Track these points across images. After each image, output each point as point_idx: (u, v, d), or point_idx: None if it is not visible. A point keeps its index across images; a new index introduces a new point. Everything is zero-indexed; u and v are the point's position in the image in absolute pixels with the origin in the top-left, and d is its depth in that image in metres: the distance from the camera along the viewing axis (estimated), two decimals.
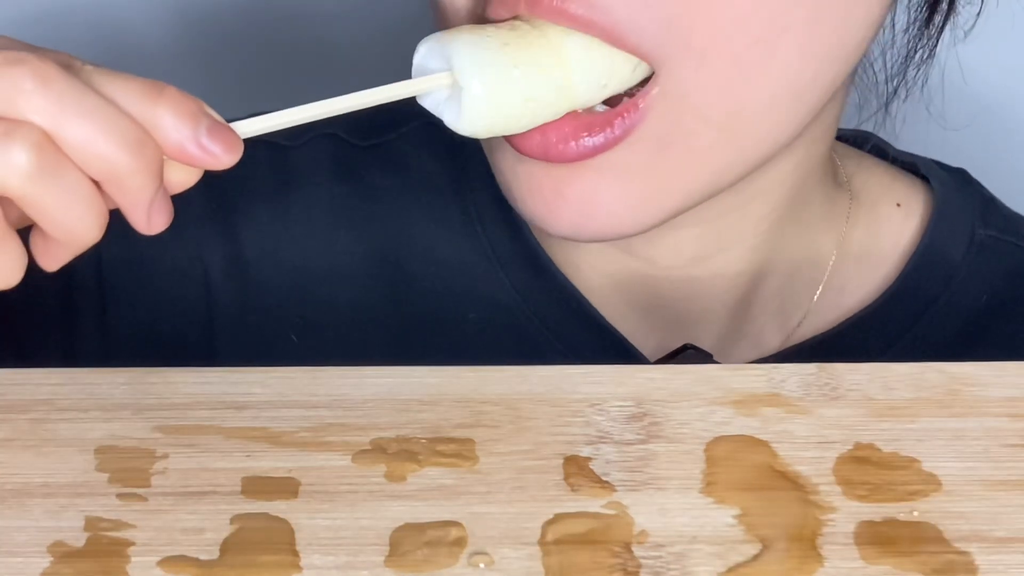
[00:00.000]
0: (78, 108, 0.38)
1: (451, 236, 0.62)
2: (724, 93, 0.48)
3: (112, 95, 0.39)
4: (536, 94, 0.47)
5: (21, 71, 0.37)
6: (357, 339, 0.61)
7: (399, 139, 0.64)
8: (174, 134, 0.39)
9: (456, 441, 0.45)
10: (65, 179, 0.38)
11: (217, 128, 0.40)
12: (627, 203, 0.50)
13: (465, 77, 0.46)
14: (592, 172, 0.49)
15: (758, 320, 0.61)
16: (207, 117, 0.40)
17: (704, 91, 0.48)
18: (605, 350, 0.60)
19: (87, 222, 0.39)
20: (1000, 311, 0.62)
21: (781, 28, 0.48)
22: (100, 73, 0.39)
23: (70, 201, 0.38)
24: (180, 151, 0.39)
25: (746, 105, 0.49)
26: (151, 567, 0.40)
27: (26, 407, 0.46)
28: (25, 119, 0.37)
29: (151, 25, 0.91)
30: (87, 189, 0.39)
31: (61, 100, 0.37)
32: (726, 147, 0.50)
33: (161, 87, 0.39)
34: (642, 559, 0.41)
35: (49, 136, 0.38)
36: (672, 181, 0.50)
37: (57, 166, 0.38)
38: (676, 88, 0.48)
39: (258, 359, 0.49)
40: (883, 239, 0.62)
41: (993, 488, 0.43)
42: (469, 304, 0.61)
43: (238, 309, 0.62)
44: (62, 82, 0.38)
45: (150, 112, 0.39)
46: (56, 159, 0.38)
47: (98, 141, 0.38)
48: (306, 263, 0.62)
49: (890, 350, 0.60)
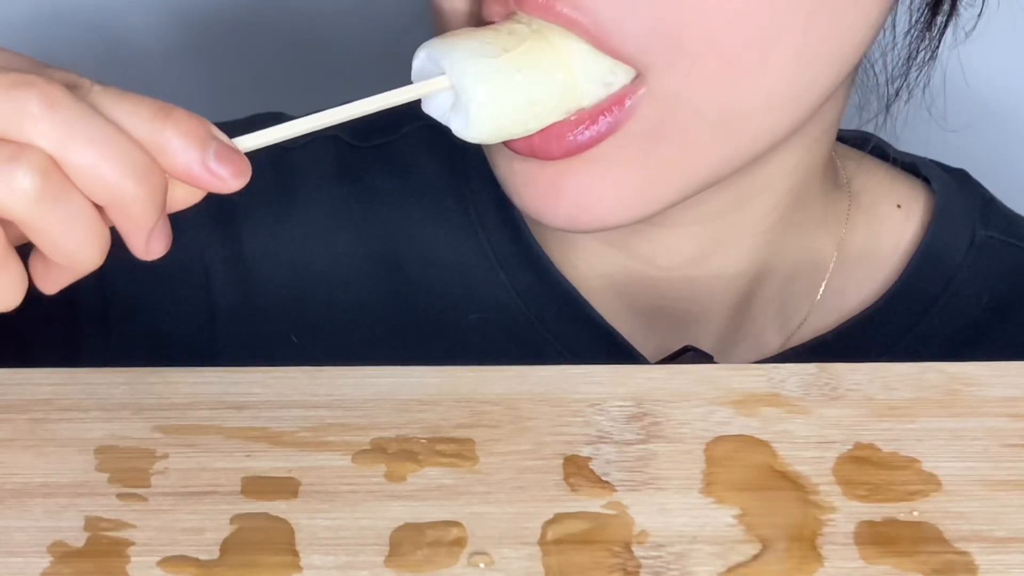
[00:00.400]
0: (85, 134, 0.37)
1: (451, 237, 0.62)
2: (719, 92, 0.48)
3: (119, 118, 0.38)
4: (540, 96, 0.47)
5: (28, 94, 0.37)
6: (358, 340, 0.62)
7: (400, 140, 0.64)
8: (182, 157, 0.39)
9: (456, 441, 0.45)
10: (69, 205, 0.38)
11: (225, 152, 0.39)
12: (621, 194, 0.50)
13: (470, 84, 0.46)
14: (586, 164, 0.49)
15: (758, 321, 0.61)
16: (215, 140, 0.40)
17: (697, 91, 0.48)
18: (605, 351, 0.60)
19: (90, 248, 0.39)
20: (1001, 312, 0.62)
21: (777, 31, 0.48)
22: (107, 94, 0.39)
23: (73, 227, 0.38)
24: (188, 175, 0.39)
25: (742, 104, 0.49)
26: (151, 567, 0.40)
27: (26, 407, 0.46)
28: (31, 143, 0.37)
29: (151, 25, 0.91)
30: (91, 215, 0.38)
31: (68, 125, 0.37)
32: (722, 143, 0.50)
33: (169, 110, 0.39)
34: (642, 559, 0.41)
35: (55, 161, 0.37)
36: (667, 173, 0.50)
37: (62, 192, 0.37)
38: (665, 88, 0.48)
39: (259, 360, 0.49)
40: (883, 240, 0.62)
41: (993, 488, 0.43)
42: (470, 305, 0.61)
43: (239, 310, 0.62)
44: (69, 106, 0.37)
45: (158, 135, 0.39)
46: (61, 184, 0.37)
47: (104, 168, 0.38)
48: (307, 264, 0.62)
49: (891, 351, 0.60)
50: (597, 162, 0.49)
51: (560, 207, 0.51)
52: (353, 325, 0.62)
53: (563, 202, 0.50)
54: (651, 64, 0.47)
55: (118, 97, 0.39)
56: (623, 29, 0.47)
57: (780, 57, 0.48)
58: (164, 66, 0.92)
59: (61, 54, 0.90)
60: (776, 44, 0.48)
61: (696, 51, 0.47)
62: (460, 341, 0.61)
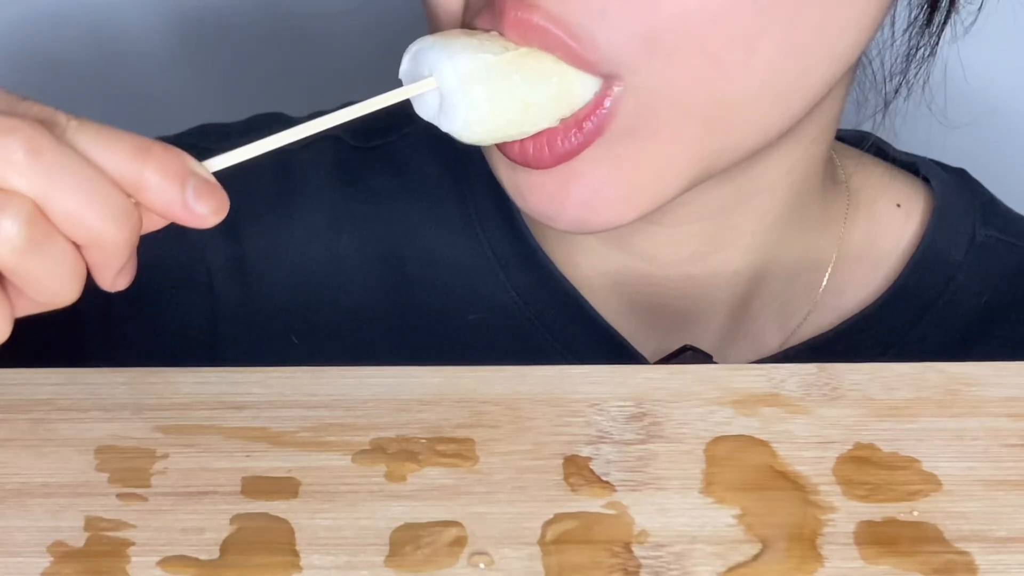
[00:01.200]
0: (68, 180, 0.38)
1: (452, 238, 0.62)
2: (700, 86, 0.48)
3: (98, 157, 0.38)
4: (535, 99, 0.47)
5: (11, 140, 0.37)
6: (358, 340, 0.62)
7: (400, 141, 0.64)
8: (162, 197, 0.39)
9: (456, 441, 0.45)
10: (53, 249, 0.38)
11: (204, 188, 0.40)
12: (624, 192, 0.50)
13: (466, 83, 0.46)
14: (588, 166, 0.49)
15: (758, 320, 0.61)
16: (194, 176, 0.40)
17: (677, 85, 0.48)
18: (605, 351, 0.60)
19: (70, 286, 0.39)
20: (1001, 311, 0.62)
21: (760, 28, 0.47)
22: (85, 132, 0.39)
23: (55, 269, 0.38)
24: (167, 212, 0.40)
25: (726, 97, 0.49)
26: (151, 567, 0.40)
27: (26, 407, 0.46)
28: (16, 191, 0.37)
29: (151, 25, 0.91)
30: (72, 257, 0.39)
31: (51, 172, 0.37)
32: (711, 137, 0.50)
33: (148, 146, 0.39)
34: (642, 559, 0.41)
35: (39, 207, 0.38)
36: (665, 168, 0.50)
37: (46, 238, 0.38)
38: (641, 85, 0.48)
39: (260, 361, 0.49)
40: (883, 239, 0.62)
41: (993, 488, 0.43)
42: (469, 305, 0.61)
43: (241, 311, 0.62)
44: (53, 152, 0.37)
45: (137, 174, 0.39)
46: (46, 231, 0.38)
47: (87, 213, 0.38)
48: (308, 265, 0.62)
49: (890, 350, 0.60)
50: (594, 163, 0.49)
51: (568, 210, 0.51)
52: (354, 326, 0.62)
53: (571, 205, 0.50)
54: (625, 64, 0.47)
55: (96, 135, 0.39)
56: (595, 42, 0.47)
57: (764, 53, 0.48)
58: (164, 66, 0.92)
59: (61, 54, 0.90)
60: (759, 41, 0.48)
61: (672, 47, 0.47)
62: (460, 341, 0.61)
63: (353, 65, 0.92)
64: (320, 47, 0.93)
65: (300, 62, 0.93)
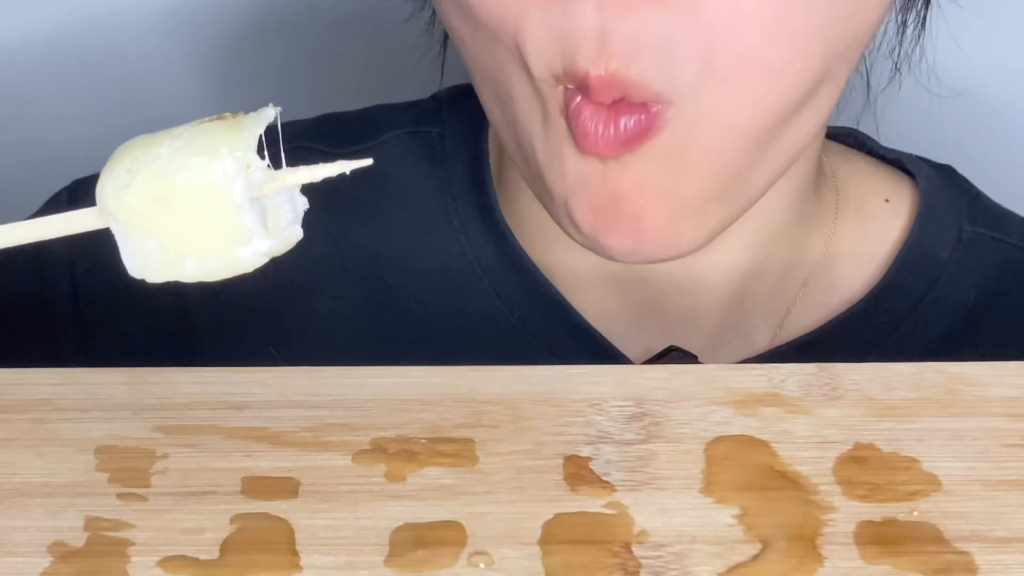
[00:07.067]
0: None
1: (433, 245, 0.62)
2: (756, 107, 0.47)
3: None
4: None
5: None
6: (338, 351, 0.61)
7: (377, 148, 0.63)
8: None
9: (456, 441, 0.45)
10: None
11: None
12: (678, 228, 0.49)
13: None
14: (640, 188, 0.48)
15: (750, 318, 0.61)
16: None
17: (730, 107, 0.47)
18: (591, 355, 0.59)
19: None
20: (988, 308, 0.61)
21: (810, 29, 0.46)
22: None
23: None
24: None
25: (773, 114, 0.48)
26: (151, 567, 0.40)
27: (26, 407, 0.46)
28: None
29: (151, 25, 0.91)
30: None
31: None
32: (763, 164, 0.49)
33: None
34: (642, 559, 0.41)
35: None
36: (719, 206, 0.50)
37: None
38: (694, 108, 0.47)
39: None
40: (871, 236, 0.62)
41: (993, 488, 0.43)
42: (453, 313, 0.61)
43: (216, 324, 0.62)
44: None
45: None
46: None
47: None
48: (283, 275, 0.62)
49: (878, 348, 0.60)
50: (650, 191, 0.48)
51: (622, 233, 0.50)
52: (333, 335, 0.61)
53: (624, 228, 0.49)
54: (677, 92, 0.46)
55: None
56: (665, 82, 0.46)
57: (812, 56, 0.47)
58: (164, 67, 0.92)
59: (61, 54, 0.90)
60: (811, 43, 0.46)
61: (728, 67, 0.46)
62: (444, 349, 0.61)
63: (353, 65, 0.92)
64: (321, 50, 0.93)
65: (301, 63, 0.93)
